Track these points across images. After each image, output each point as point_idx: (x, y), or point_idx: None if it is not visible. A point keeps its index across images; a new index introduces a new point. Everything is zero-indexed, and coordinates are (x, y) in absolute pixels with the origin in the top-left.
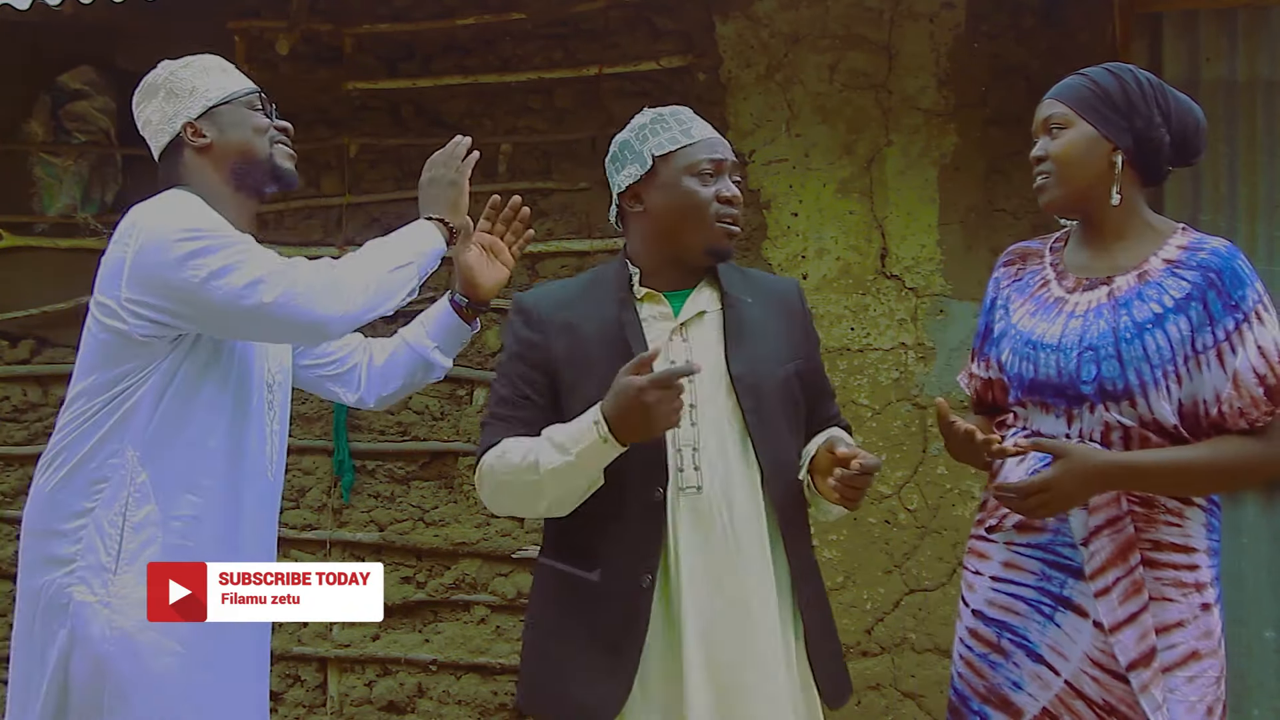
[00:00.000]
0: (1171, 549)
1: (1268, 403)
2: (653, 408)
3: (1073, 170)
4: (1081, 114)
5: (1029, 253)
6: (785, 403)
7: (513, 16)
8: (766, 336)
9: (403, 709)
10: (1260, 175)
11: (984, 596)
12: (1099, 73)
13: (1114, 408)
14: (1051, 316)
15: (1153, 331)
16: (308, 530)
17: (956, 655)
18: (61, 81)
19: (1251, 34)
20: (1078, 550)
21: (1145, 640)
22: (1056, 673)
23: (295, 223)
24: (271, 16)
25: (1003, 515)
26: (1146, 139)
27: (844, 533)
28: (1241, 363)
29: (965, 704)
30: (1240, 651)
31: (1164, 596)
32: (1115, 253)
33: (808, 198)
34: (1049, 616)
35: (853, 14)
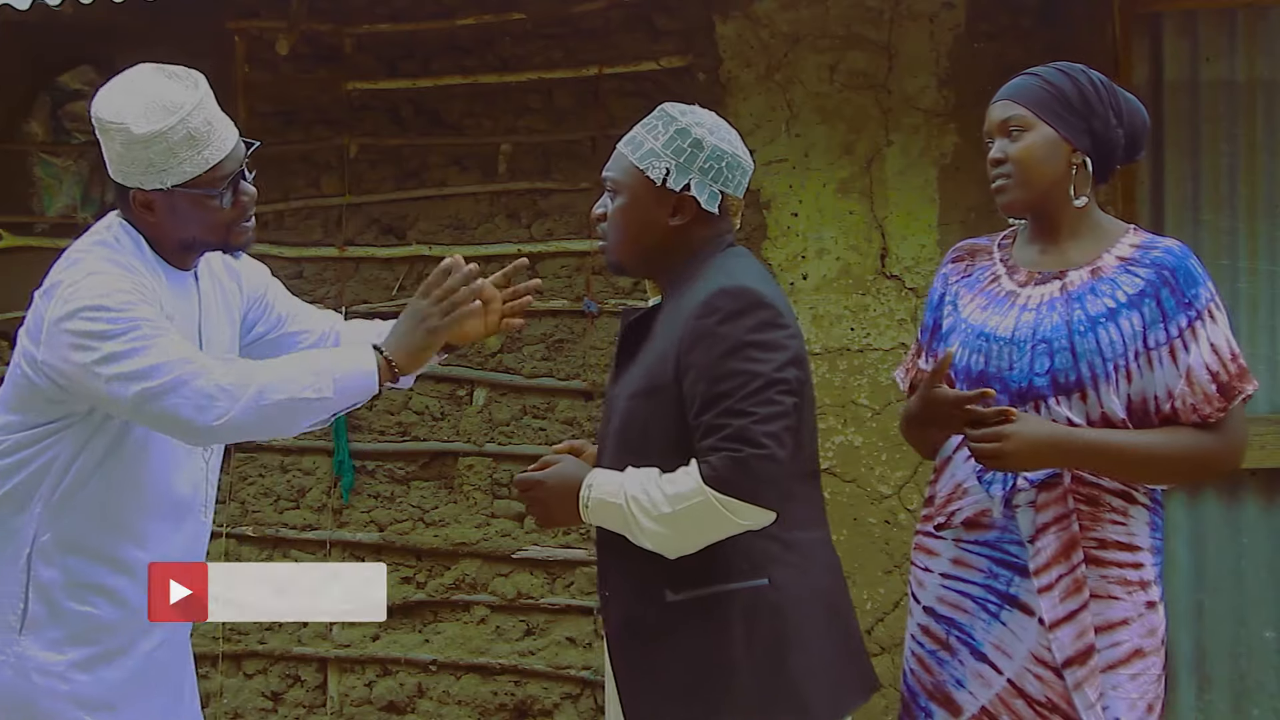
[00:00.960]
0: (1116, 547)
1: (1220, 399)
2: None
3: (1034, 173)
4: (1041, 116)
5: (977, 249)
6: (628, 429)
7: (513, 16)
8: (644, 358)
9: (403, 709)
10: (1260, 175)
11: (934, 594)
12: (1053, 74)
13: (1065, 401)
14: (1004, 310)
15: (1106, 325)
16: (308, 530)
17: (908, 652)
18: (61, 81)
19: (1251, 34)
20: (1025, 548)
21: (1082, 638)
22: (999, 671)
23: (295, 223)
24: (271, 16)
25: (951, 513)
26: (1104, 140)
27: (844, 533)
28: (1195, 359)
29: (914, 700)
30: (1240, 651)
31: (1109, 594)
32: (1068, 249)
33: (808, 198)
34: (995, 615)
35: (853, 14)
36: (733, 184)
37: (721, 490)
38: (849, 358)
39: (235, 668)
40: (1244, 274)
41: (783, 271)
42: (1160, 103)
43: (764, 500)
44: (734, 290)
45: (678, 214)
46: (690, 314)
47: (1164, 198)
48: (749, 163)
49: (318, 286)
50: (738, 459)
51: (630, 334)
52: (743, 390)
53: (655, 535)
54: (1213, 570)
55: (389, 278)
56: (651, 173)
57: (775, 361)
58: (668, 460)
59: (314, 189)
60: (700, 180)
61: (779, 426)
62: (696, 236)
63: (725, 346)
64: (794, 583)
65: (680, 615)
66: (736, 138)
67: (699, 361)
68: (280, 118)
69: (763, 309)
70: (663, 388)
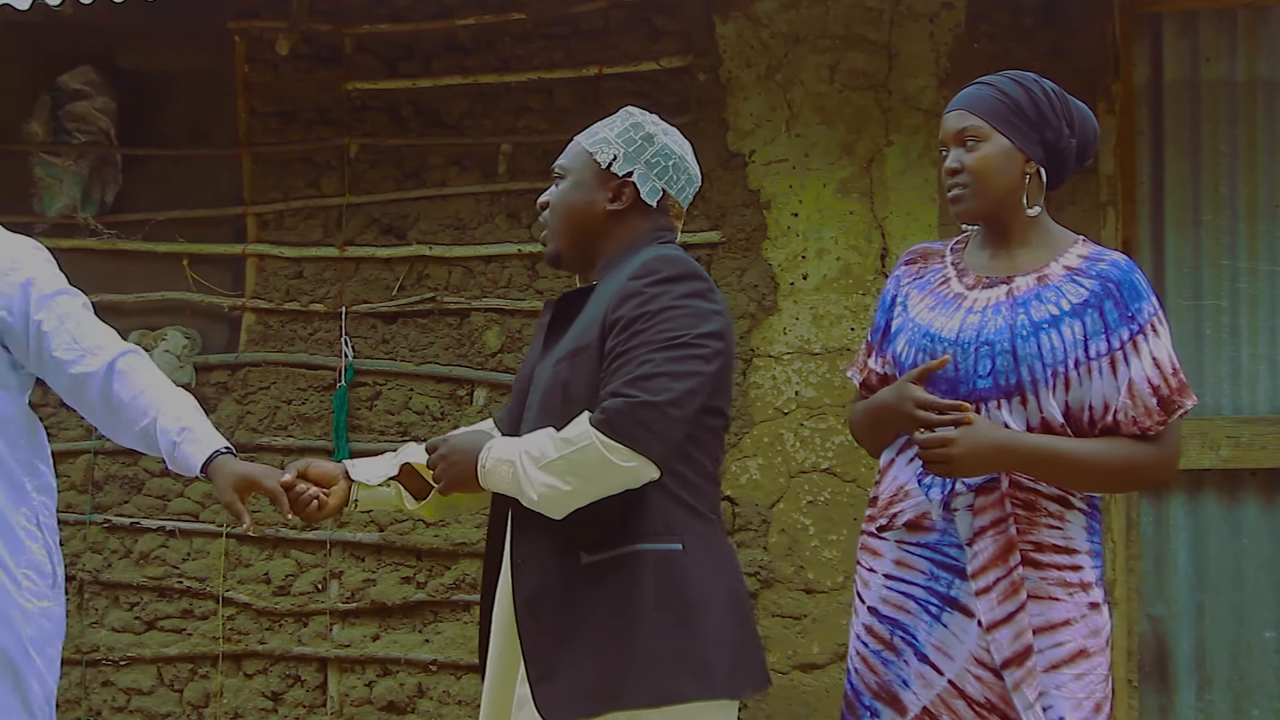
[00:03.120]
0: (1053, 550)
1: (1160, 412)
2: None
3: (990, 183)
4: (996, 126)
5: (930, 253)
6: (550, 393)
7: (513, 16)
8: (571, 330)
9: (403, 709)
10: (1260, 175)
11: (879, 594)
12: (1006, 83)
13: (1005, 405)
14: (950, 311)
15: (1048, 331)
16: (307, 531)
17: (852, 651)
18: (61, 81)
19: (1251, 34)
20: (964, 551)
21: (1020, 640)
22: (940, 672)
23: (295, 223)
24: (271, 16)
25: (893, 515)
26: (1056, 149)
27: (844, 533)
28: (1136, 372)
29: (859, 699)
30: (1240, 651)
31: (1050, 596)
32: (1017, 256)
33: (808, 198)
34: (936, 616)
35: (853, 14)
36: (676, 186)
37: (606, 432)
38: (849, 358)
39: (235, 668)
40: (1244, 274)
41: (783, 271)
42: (1160, 103)
43: (647, 449)
44: (670, 258)
45: (617, 199)
46: (626, 275)
47: (1164, 198)
48: (696, 175)
49: (318, 286)
50: (630, 403)
51: (560, 313)
52: (656, 343)
53: (542, 488)
54: (1213, 570)
55: (389, 278)
56: (599, 156)
57: (698, 328)
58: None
59: (314, 189)
60: (644, 172)
61: (684, 387)
62: (634, 227)
63: (653, 306)
64: (704, 556)
65: (594, 575)
66: (690, 150)
67: (624, 316)
68: (280, 118)
69: (696, 279)
70: (586, 347)
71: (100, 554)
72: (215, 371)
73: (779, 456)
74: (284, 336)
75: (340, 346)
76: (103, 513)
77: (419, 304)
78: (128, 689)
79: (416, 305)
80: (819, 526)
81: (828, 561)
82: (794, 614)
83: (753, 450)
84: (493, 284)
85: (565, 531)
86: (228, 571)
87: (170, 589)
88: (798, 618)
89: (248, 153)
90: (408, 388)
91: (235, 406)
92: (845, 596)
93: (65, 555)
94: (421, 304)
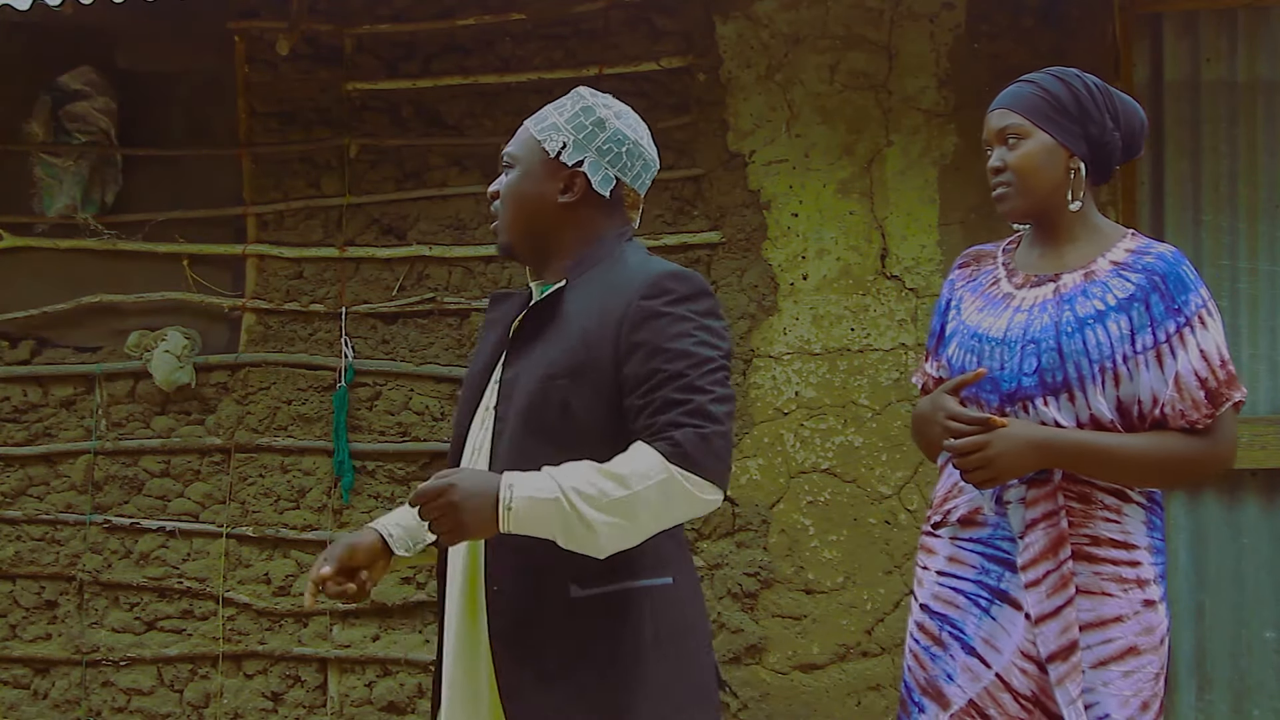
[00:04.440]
0: (1110, 544)
1: (1208, 405)
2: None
3: (1033, 180)
4: (1038, 124)
5: (983, 255)
6: (541, 410)
7: (513, 16)
8: (558, 339)
9: (403, 709)
10: (1260, 175)
11: (930, 591)
12: (1049, 80)
13: (1053, 402)
14: (998, 311)
15: (1093, 326)
16: (308, 531)
17: (907, 649)
18: (61, 81)
19: (1251, 34)
20: (1016, 544)
21: (1066, 634)
22: (987, 665)
23: (295, 223)
24: (271, 16)
25: (947, 511)
26: (1100, 144)
27: (844, 533)
28: (1183, 365)
29: (909, 695)
30: (1240, 651)
31: (1103, 591)
32: (1065, 253)
33: (808, 198)
34: (985, 609)
35: (853, 14)
36: (630, 173)
37: (687, 466)
38: (849, 358)
39: (235, 668)
40: (1244, 274)
41: (783, 271)
42: (1160, 103)
43: (722, 480)
44: (681, 274)
45: (568, 191)
46: (632, 294)
47: (1164, 198)
48: (653, 159)
49: (318, 287)
50: (703, 434)
51: (530, 321)
52: (701, 369)
53: (605, 527)
54: (1213, 570)
55: (389, 278)
56: (548, 144)
57: (723, 349)
58: (589, 444)
59: (314, 189)
60: (595, 160)
61: (729, 409)
62: (591, 221)
63: (680, 327)
64: (687, 583)
65: (585, 613)
66: (646, 133)
67: (649, 339)
68: (280, 118)
69: (709, 297)
70: (594, 367)
71: (100, 554)
72: (215, 372)
73: (779, 457)
74: (284, 337)
75: (340, 347)
76: (103, 513)
77: (419, 304)
78: (128, 689)
79: (416, 305)
80: (819, 526)
81: (828, 561)
82: (794, 614)
83: (753, 450)
84: (493, 284)
85: (550, 557)
86: (228, 572)
87: (170, 589)
88: (798, 618)
89: (248, 153)
90: (408, 388)
91: (235, 406)
92: (845, 596)
93: (65, 555)
94: (421, 304)
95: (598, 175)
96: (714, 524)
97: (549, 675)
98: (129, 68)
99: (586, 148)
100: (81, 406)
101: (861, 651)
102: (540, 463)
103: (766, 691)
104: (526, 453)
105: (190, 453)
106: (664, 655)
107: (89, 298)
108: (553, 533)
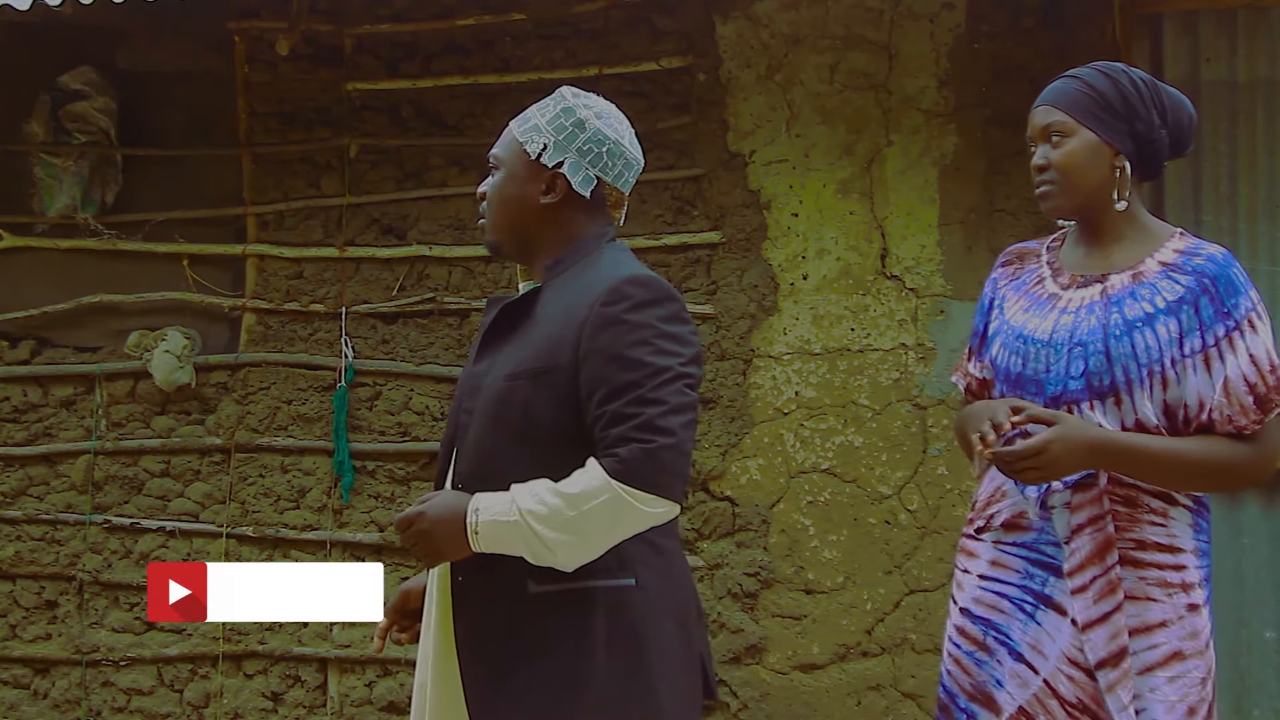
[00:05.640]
0: (1156, 549)
1: (1257, 410)
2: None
3: (1077, 179)
4: (1082, 121)
5: (1026, 253)
6: (504, 409)
7: (513, 17)
8: (526, 340)
9: (403, 709)
10: (1260, 175)
11: (972, 595)
12: (1094, 76)
13: (1099, 406)
14: (1044, 312)
15: (1142, 330)
16: (308, 531)
17: (946, 653)
18: (61, 81)
19: (1251, 34)
20: (1060, 549)
21: (1116, 640)
22: (1035, 671)
23: (295, 223)
24: (271, 16)
25: (990, 515)
26: (1147, 141)
27: (844, 533)
28: (1232, 370)
29: (954, 701)
30: (1240, 651)
31: (1148, 596)
32: (1112, 252)
33: (808, 198)
34: (1030, 615)
35: (853, 14)
36: (612, 172)
37: (630, 483)
38: (849, 358)
39: (235, 668)
40: None
41: (783, 271)
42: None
43: (673, 493)
44: (644, 279)
45: (550, 192)
46: (595, 299)
47: (1164, 198)
48: (636, 157)
49: (318, 287)
50: (648, 449)
51: (504, 318)
52: (654, 380)
53: (561, 545)
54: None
55: (389, 278)
56: (529, 146)
57: (684, 355)
58: (550, 446)
59: (314, 189)
60: (576, 161)
61: (686, 419)
62: (573, 222)
63: (636, 335)
64: (656, 586)
65: (541, 609)
66: (629, 131)
67: (605, 347)
68: (280, 118)
69: (673, 301)
70: (554, 370)
71: (100, 554)
72: (215, 372)
73: (779, 457)
74: (284, 337)
75: (340, 347)
76: (103, 513)
77: (419, 304)
78: (128, 689)
79: (416, 305)
80: (819, 526)
81: (828, 561)
82: (794, 614)
83: (753, 450)
84: (493, 284)
85: (510, 555)
86: None
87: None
88: (798, 618)
89: (248, 153)
90: (408, 388)
91: (235, 406)
92: (845, 596)
93: (65, 555)
94: (421, 304)
95: (578, 176)
96: (714, 524)
97: (501, 672)
98: (129, 68)
99: (567, 149)
100: (81, 406)
101: (861, 651)
102: (502, 460)
103: (766, 691)
104: (488, 450)
105: (190, 453)
106: (615, 668)
107: (89, 298)
108: (519, 551)
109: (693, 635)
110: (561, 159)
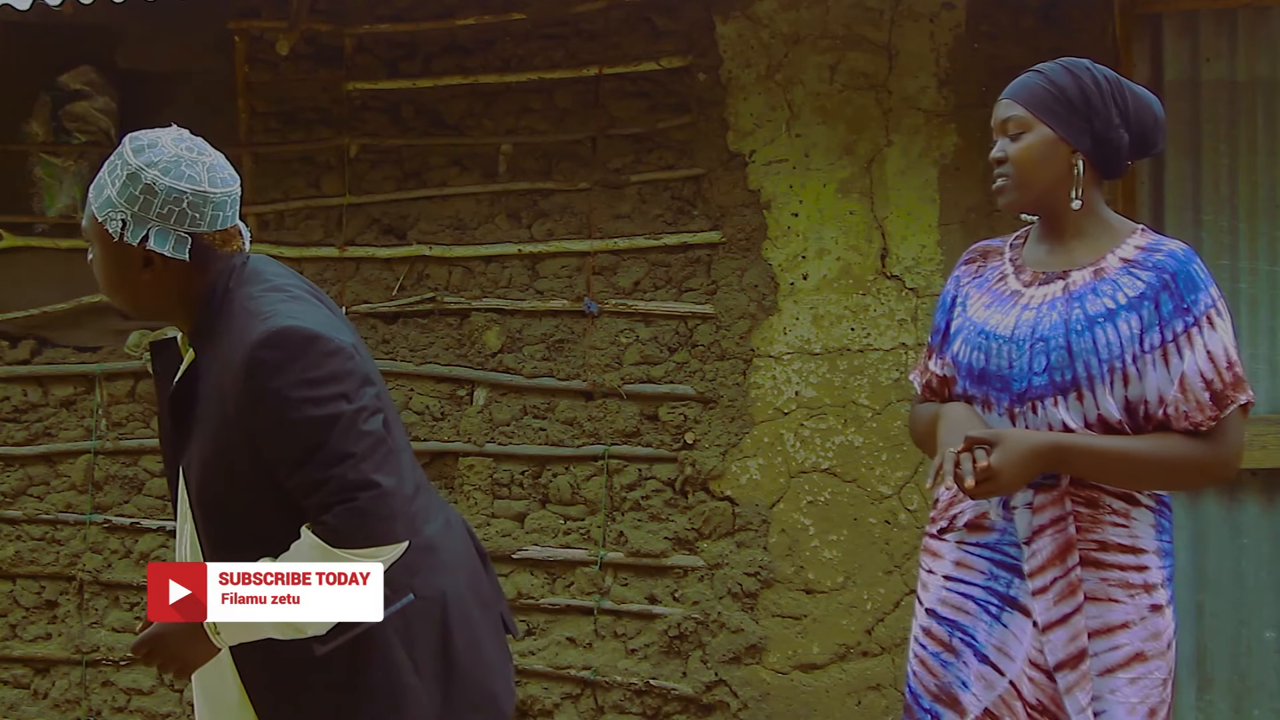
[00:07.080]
0: (1118, 549)
1: (1213, 407)
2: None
3: (1032, 174)
4: (1040, 116)
5: (990, 250)
6: (212, 499)
7: (513, 16)
8: (203, 424)
9: None
10: (1260, 175)
11: (937, 596)
12: (1057, 72)
13: (1062, 401)
14: (1006, 308)
15: (1104, 325)
16: None
17: (911, 654)
18: (61, 81)
19: (1251, 34)
20: (1023, 549)
21: (1075, 642)
22: (1001, 673)
23: (295, 223)
24: (271, 16)
25: (953, 516)
26: (1105, 139)
27: (844, 533)
28: (1189, 366)
29: (917, 701)
30: (1240, 651)
31: (1110, 597)
32: (1074, 249)
33: (808, 198)
34: (996, 616)
35: (853, 14)
36: (205, 221)
37: (347, 545)
38: (849, 358)
39: None
40: (1244, 274)
41: (783, 271)
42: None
43: (394, 536)
44: (272, 337)
45: (149, 265)
46: (238, 373)
47: (1164, 198)
48: (224, 192)
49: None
50: (352, 509)
51: (179, 398)
52: (329, 434)
53: (308, 624)
54: (1213, 570)
55: (389, 278)
56: (109, 226)
57: (346, 388)
58: (264, 521)
59: (314, 189)
60: (161, 229)
61: (381, 455)
62: (189, 284)
63: (288, 399)
64: (439, 582)
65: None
66: (203, 168)
67: (269, 425)
68: (280, 118)
69: (308, 345)
70: (232, 452)
71: (100, 554)
72: None
73: (779, 456)
74: None
75: None
76: (103, 513)
77: (419, 304)
78: (128, 689)
79: (416, 305)
80: (819, 526)
81: (828, 561)
82: (794, 614)
83: (753, 450)
84: (493, 284)
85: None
86: None
87: None
88: (798, 618)
89: (248, 153)
90: (408, 388)
91: None
92: (845, 596)
93: (65, 555)
94: (421, 304)
95: (167, 244)
96: (714, 524)
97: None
98: (129, 68)
99: (146, 220)
100: (81, 406)
101: (861, 651)
102: (230, 545)
103: (766, 691)
104: (218, 541)
105: None
106: (427, 676)
107: (89, 298)
108: (265, 634)
109: (496, 613)
110: (144, 232)
